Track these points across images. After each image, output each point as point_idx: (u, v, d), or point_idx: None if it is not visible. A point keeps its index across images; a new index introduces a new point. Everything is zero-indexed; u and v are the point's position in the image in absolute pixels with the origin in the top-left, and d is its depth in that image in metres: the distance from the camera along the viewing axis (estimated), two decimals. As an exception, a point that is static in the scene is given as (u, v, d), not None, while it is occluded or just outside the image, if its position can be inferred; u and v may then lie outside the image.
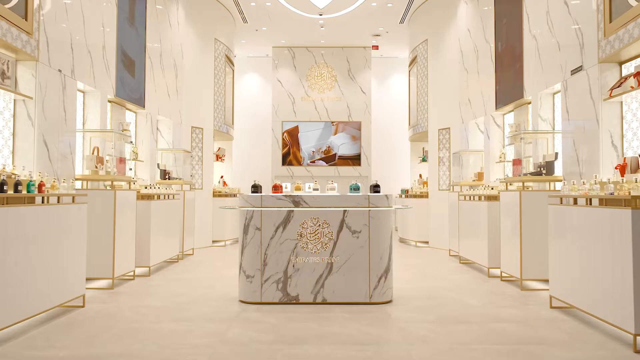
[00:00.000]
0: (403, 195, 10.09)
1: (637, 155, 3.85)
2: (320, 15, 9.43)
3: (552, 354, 3.19)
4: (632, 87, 4.03)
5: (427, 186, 9.66)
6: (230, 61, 10.51)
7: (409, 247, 9.22)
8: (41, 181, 3.82)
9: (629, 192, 3.33)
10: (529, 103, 6.31)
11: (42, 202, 3.87)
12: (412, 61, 10.45)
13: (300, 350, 3.24)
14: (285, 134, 12.24)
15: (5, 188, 3.34)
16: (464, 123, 8.21)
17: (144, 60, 7.02)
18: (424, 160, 10.50)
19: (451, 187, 8.37)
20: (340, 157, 12.24)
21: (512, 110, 6.89)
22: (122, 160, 6.07)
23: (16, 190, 3.49)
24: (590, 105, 4.63)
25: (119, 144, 6.28)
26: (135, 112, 7.15)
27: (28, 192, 3.61)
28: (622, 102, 4.46)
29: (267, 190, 12.67)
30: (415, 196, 9.58)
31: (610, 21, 4.27)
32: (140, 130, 7.22)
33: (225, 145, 10.96)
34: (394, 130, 13.04)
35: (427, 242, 9.37)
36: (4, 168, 4.01)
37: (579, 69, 4.83)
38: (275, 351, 3.23)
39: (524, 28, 6.15)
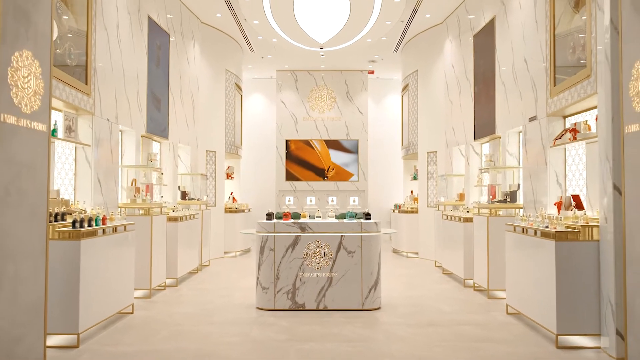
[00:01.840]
0: (396, 210, 11.16)
1: (570, 196, 4.91)
2: (321, 48, 10.50)
3: (496, 349, 4.25)
4: (569, 139, 5.09)
5: (417, 202, 10.72)
6: (239, 88, 11.58)
7: (401, 258, 10.28)
8: (104, 215, 4.88)
9: (555, 227, 4.39)
10: (500, 137, 7.37)
11: (103, 232, 4.92)
12: (404, 88, 11.53)
13: (308, 346, 4.30)
14: (287, 152, 13.31)
15: (84, 224, 4.40)
16: (449, 148, 9.28)
17: (167, 97, 8.08)
18: (414, 178, 11.55)
19: (437, 205, 9.43)
20: (339, 173, 13.30)
21: (488, 142, 7.96)
22: (151, 186, 7.16)
23: (89, 225, 4.55)
24: (541, 149, 5.70)
25: (148, 173, 7.34)
26: (159, 142, 8.21)
27: (96, 225, 4.67)
28: (565, 148, 5.54)
29: (271, 204, 13.76)
30: (406, 212, 10.64)
31: (554, 85, 5.35)
32: (164, 157, 8.28)
33: (234, 163, 12.02)
34: (389, 147, 14.11)
35: (417, 253, 10.43)
36: (72, 205, 5.07)
37: (534, 118, 5.91)
38: (289, 347, 4.29)
39: (495, 74, 7.22)
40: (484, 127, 7.69)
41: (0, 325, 3.29)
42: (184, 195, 8.76)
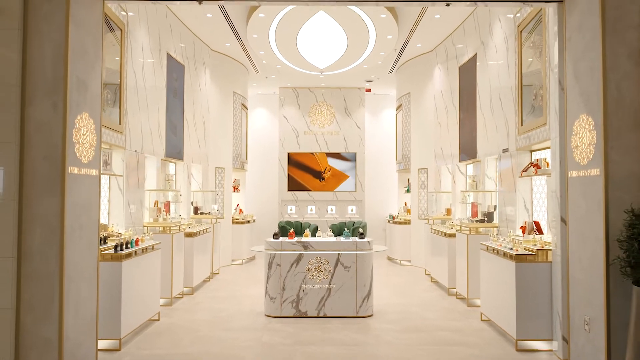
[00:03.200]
0: (391, 221, 12.04)
1: (533, 221, 5.79)
2: (321, 73, 11.37)
3: (467, 352, 5.13)
4: (533, 172, 5.96)
5: (410, 214, 11.60)
6: (245, 107, 12.46)
7: (395, 265, 11.16)
8: (137, 238, 5.75)
9: (517, 250, 5.27)
10: (481, 161, 8.24)
11: (135, 253, 5.78)
12: (399, 107, 12.41)
13: (310, 349, 5.18)
14: (289, 165, 14.20)
15: (123, 248, 5.28)
16: (438, 166, 10.16)
17: (182, 122, 8.95)
18: (407, 191, 12.42)
19: (427, 219, 10.30)
20: (335, 175, 14.19)
21: (471, 163, 8.83)
22: (168, 204, 8.05)
23: (126, 247, 5.42)
24: (512, 178, 6.58)
25: (166, 193, 8.22)
26: (175, 163, 9.08)
27: (131, 246, 5.55)
28: (531, 179, 6.41)
29: (273, 213, 14.63)
30: (400, 223, 11.52)
31: (522, 124, 6.22)
32: (179, 177, 9.14)
33: (240, 176, 12.91)
34: (385, 159, 14.95)
35: (409, 261, 11.30)
36: (109, 228, 5.95)
37: (506, 150, 6.78)
38: (294, 350, 5.17)
39: (476, 105, 8.09)
40: (468, 151, 8.56)
41: (68, 334, 4.17)
42: (196, 210, 9.63)
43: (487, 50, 7.64)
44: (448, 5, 4.98)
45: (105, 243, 5.45)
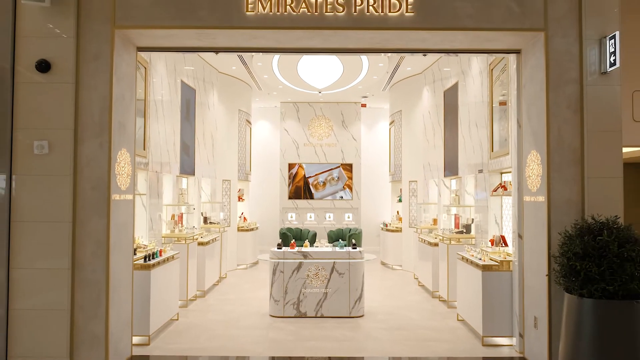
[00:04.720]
0: (384, 228, 13.00)
1: (500, 235, 6.74)
2: (319, 92, 12.34)
3: (441, 347, 6.08)
4: (501, 192, 6.92)
5: (401, 222, 12.56)
6: (249, 122, 13.42)
7: (387, 270, 12.13)
8: (160, 249, 6.71)
9: (485, 260, 6.23)
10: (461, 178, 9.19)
11: (158, 263, 6.72)
12: (391, 123, 13.37)
13: (309, 344, 6.13)
14: (290, 175, 15.17)
15: (151, 258, 6.23)
16: (426, 179, 11.12)
17: (193, 142, 9.90)
18: (400, 200, 13.38)
19: (415, 228, 11.25)
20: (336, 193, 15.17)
21: (454, 179, 9.79)
22: (182, 215, 9.01)
23: (153, 258, 6.37)
24: (485, 196, 7.54)
25: (180, 207, 9.18)
26: (187, 178, 10.02)
27: (156, 257, 6.50)
28: (501, 197, 7.37)
29: (275, 220, 15.57)
30: (392, 230, 12.48)
31: (492, 150, 7.18)
32: (190, 190, 10.09)
33: (244, 186, 13.86)
34: (379, 170, 15.90)
35: (400, 265, 12.26)
36: (137, 241, 6.90)
37: (481, 171, 7.74)
38: (297, 345, 6.12)
39: (458, 128, 9.05)
40: (450, 167, 9.52)
41: (112, 331, 5.13)
42: (205, 220, 10.59)
43: (467, 79, 8.59)
44: (425, 55, 5.93)
45: (135, 254, 6.40)
